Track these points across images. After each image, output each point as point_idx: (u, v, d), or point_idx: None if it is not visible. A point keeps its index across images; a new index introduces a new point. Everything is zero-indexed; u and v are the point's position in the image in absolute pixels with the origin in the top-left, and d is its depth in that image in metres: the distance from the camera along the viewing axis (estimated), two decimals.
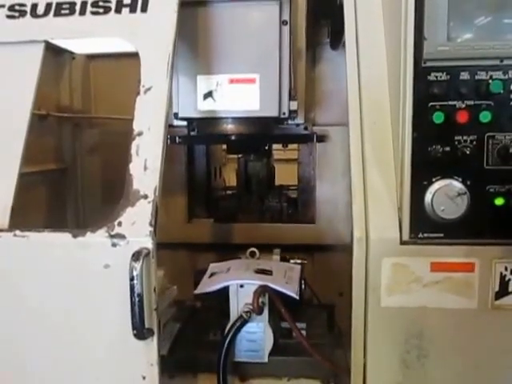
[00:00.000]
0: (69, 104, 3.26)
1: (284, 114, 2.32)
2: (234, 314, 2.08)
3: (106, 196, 3.15)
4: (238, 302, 2.07)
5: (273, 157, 3.13)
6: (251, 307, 2.01)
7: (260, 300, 2.00)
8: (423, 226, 1.73)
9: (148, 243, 1.74)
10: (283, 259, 2.49)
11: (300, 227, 2.98)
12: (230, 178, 3.35)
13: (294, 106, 2.33)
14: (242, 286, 2.07)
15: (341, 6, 2.05)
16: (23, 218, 1.97)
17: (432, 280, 1.75)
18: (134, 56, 1.97)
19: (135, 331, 1.72)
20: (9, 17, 2.10)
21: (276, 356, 2.10)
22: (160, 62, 1.93)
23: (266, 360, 2.09)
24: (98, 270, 1.77)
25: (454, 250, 1.74)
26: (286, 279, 2.16)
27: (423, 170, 1.72)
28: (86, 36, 2.13)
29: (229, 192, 3.34)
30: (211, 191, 3.23)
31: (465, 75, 1.68)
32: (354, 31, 2.00)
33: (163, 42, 1.95)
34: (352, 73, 1.96)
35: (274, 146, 3.15)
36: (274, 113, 2.31)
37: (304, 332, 2.10)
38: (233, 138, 2.42)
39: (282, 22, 2.28)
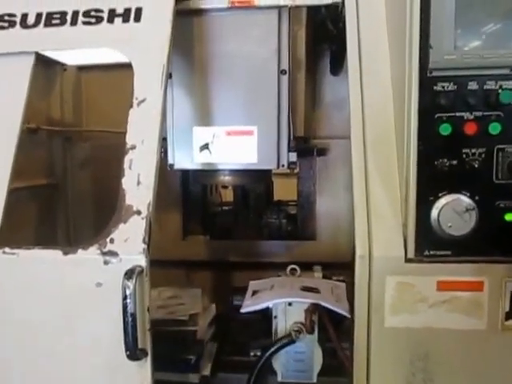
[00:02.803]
0: (60, 117, 3.22)
1: (283, 166, 2.29)
2: (281, 332, 2.07)
3: (98, 212, 3.11)
4: (286, 321, 2.06)
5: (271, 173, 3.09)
6: (301, 326, 2.00)
7: (312, 318, 2.00)
8: (429, 243, 1.68)
9: (141, 261, 1.71)
10: (324, 277, 2.48)
11: (300, 244, 2.96)
12: (227, 193, 3.30)
13: (293, 157, 2.29)
14: (290, 304, 2.06)
15: (342, 28, 2.02)
16: (12, 234, 1.93)
17: (438, 299, 1.70)
18: (127, 67, 1.95)
19: (128, 352, 1.68)
20: None
21: (324, 377, 2.09)
22: (154, 73, 1.91)
23: (314, 380, 2.08)
24: (90, 289, 1.74)
25: (462, 268, 1.69)
26: (335, 297, 2.14)
27: (429, 185, 1.67)
28: (77, 47, 2.11)
29: (225, 208, 3.29)
30: (207, 207, 3.19)
31: (473, 85, 1.64)
32: (356, 44, 1.96)
33: (157, 52, 1.93)
34: (354, 86, 1.93)
35: None
36: (272, 165, 2.29)
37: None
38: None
39: (281, 72, 2.26)
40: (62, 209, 3.24)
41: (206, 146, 2.28)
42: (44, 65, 3.08)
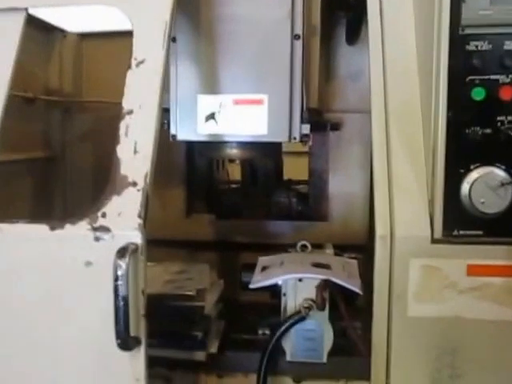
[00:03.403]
0: (58, 87, 3.04)
1: (295, 138, 2.13)
2: (291, 310, 1.95)
3: (97, 188, 2.91)
4: (296, 298, 1.94)
5: (281, 149, 2.92)
6: (312, 302, 1.89)
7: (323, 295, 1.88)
8: (459, 221, 1.54)
9: (136, 238, 1.54)
10: (335, 255, 2.35)
11: (311, 225, 2.78)
12: (234, 170, 3.13)
13: (306, 129, 2.13)
14: (300, 280, 1.95)
15: None
16: (5, 209, 1.81)
17: (468, 286, 1.55)
18: (131, 35, 1.78)
19: (119, 340, 1.51)
20: None
21: (335, 356, 1.96)
22: (155, 32, 1.74)
23: (324, 360, 1.96)
24: (78, 268, 1.58)
25: (495, 250, 1.54)
26: (347, 274, 2.02)
27: (459, 156, 1.53)
28: (71, 3, 1.94)
29: (232, 186, 3.12)
30: (213, 184, 3.02)
31: (510, 44, 1.49)
32: (377, 5, 1.79)
33: (159, 9, 1.75)
34: (375, 49, 1.77)
35: None
36: (283, 137, 2.13)
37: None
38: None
39: (294, 37, 2.09)
40: (59, 183, 3.07)
41: (211, 116, 2.11)
42: (42, 30, 2.91)
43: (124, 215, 1.57)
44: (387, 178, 1.60)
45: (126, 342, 1.51)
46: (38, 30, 2.83)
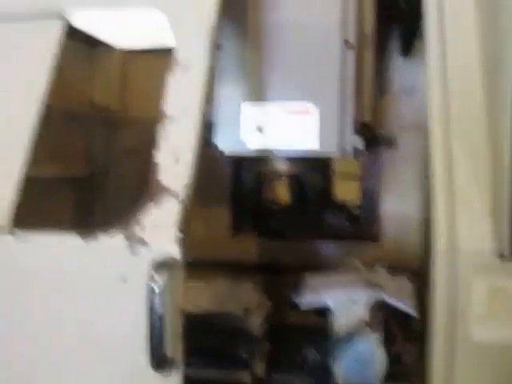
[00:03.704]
0: (103, 102, 2.97)
1: (346, 152, 2.03)
2: (342, 331, 1.88)
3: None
4: (347, 319, 1.88)
5: (332, 168, 2.79)
6: (364, 324, 1.83)
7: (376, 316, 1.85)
8: None
9: (175, 252, 1.43)
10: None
11: (362, 245, 2.67)
12: (281, 188, 2.99)
13: (358, 142, 2.04)
14: (352, 300, 1.89)
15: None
16: (44, 223, 1.66)
17: None
18: None
19: (153, 361, 1.40)
20: None
21: (388, 382, 1.86)
22: (199, 33, 1.65)
23: None
24: (112, 283, 1.47)
25: None
26: (400, 294, 1.95)
27: None
28: (109, 5, 1.82)
29: (280, 205, 2.98)
30: (260, 203, 2.87)
31: None
32: (435, 7, 1.65)
33: (203, 8, 1.64)
34: (434, 56, 1.64)
35: None
36: (334, 151, 2.03)
37: None
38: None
39: (346, 44, 2.01)
40: (102, 200, 2.98)
41: (258, 128, 2.03)
42: (88, 45, 2.86)
43: (162, 227, 1.47)
44: (448, 189, 1.45)
45: (160, 362, 1.41)
46: (83, 45, 2.78)
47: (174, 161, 1.50)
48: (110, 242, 1.46)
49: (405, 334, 1.86)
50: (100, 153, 2.97)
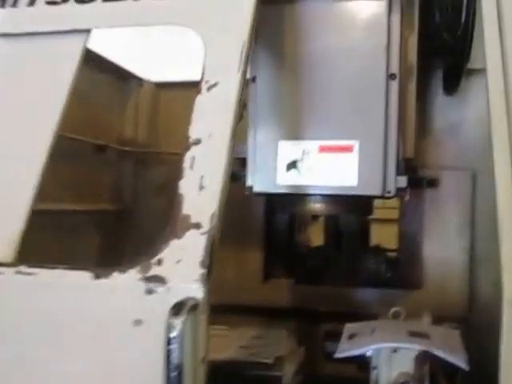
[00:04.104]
0: (132, 136, 2.83)
1: (389, 192, 1.84)
2: None
3: None
4: (390, 371, 1.66)
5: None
6: (408, 378, 1.61)
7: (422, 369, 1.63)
8: None
9: (197, 291, 1.22)
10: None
11: (402, 293, 2.46)
12: (316, 230, 2.80)
13: (402, 182, 1.86)
14: (395, 350, 1.67)
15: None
16: (68, 261, 1.48)
17: None
18: None
19: None
20: (49, 3, 1.68)
21: None
22: (230, 52, 1.47)
23: None
24: (126, 326, 1.25)
25: None
26: (449, 345, 1.73)
27: None
28: (137, 23, 1.67)
29: (314, 248, 2.78)
30: (293, 245, 2.72)
31: None
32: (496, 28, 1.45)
33: (236, 27, 1.48)
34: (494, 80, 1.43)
35: None
36: (376, 191, 1.85)
37: None
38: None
39: (390, 76, 1.83)
40: (130, 237, 2.80)
41: (293, 165, 1.85)
42: (119, 77, 2.73)
43: (184, 263, 1.25)
44: None
45: None
46: (114, 77, 2.65)
47: (199, 189, 1.30)
48: (125, 280, 1.25)
49: None
50: (129, 189, 2.82)
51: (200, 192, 1.30)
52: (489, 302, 2.20)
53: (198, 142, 1.36)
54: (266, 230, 2.58)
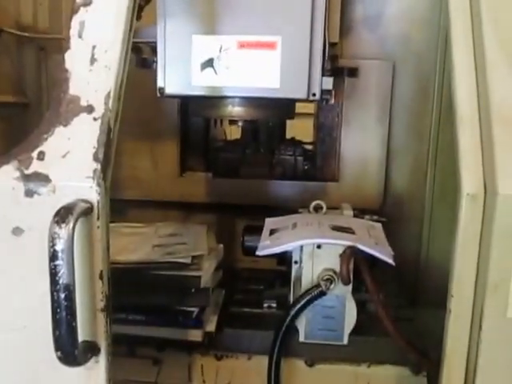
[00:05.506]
0: (32, 21, 2.34)
1: (314, 95, 1.58)
2: (307, 282, 1.56)
3: None
4: (313, 268, 1.55)
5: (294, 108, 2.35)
6: (333, 275, 1.50)
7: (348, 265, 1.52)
8: None
9: (90, 192, 0.88)
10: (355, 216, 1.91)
11: (319, 185, 2.24)
12: (232, 129, 2.53)
13: (328, 84, 1.60)
14: (319, 246, 1.54)
15: None
16: None
17: None
18: None
19: (59, 352, 0.85)
20: None
21: (355, 335, 1.59)
22: None
23: (345, 342, 1.60)
24: (3, 237, 0.92)
25: None
26: (374, 240, 1.62)
27: None
28: None
29: (231, 141, 2.52)
30: (209, 140, 2.45)
31: None
32: None
33: None
34: None
35: None
36: (300, 94, 1.58)
37: None
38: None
39: None
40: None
41: (209, 63, 1.55)
42: None
43: (72, 156, 0.91)
44: (477, 104, 0.93)
45: (70, 353, 0.86)
46: None
47: (91, 63, 0.94)
48: None
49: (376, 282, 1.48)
50: (30, 80, 2.35)
51: (91, 67, 0.95)
52: (401, 195, 2.07)
53: (88, 3, 0.98)
54: (181, 125, 2.25)
